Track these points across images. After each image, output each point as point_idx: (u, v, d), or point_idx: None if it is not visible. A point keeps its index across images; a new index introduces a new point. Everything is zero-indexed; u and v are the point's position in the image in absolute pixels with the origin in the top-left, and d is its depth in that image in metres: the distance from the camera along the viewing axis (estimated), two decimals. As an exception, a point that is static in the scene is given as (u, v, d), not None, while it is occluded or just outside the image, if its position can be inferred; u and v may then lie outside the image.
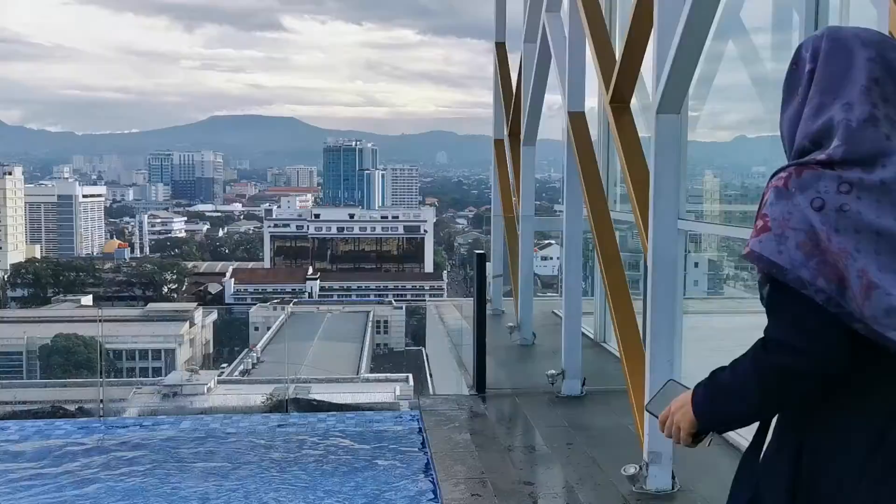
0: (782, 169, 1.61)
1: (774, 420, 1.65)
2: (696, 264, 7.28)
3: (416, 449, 5.56)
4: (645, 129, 5.59)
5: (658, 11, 4.42)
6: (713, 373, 1.67)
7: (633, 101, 5.66)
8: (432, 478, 4.89)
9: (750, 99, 6.26)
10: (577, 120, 6.75)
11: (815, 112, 1.60)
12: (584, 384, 6.59)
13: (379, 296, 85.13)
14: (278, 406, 6.30)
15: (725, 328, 7.04)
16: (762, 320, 1.61)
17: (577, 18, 6.45)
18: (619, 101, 5.53)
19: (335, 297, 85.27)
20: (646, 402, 2.13)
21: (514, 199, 9.96)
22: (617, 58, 5.55)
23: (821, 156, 1.55)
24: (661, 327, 4.46)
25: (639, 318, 5.30)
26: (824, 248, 1.48)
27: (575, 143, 6.62)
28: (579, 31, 6.47)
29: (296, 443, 5.71)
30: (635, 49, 5.16)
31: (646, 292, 4.94)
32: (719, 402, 1.63)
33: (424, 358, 12.85)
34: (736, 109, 6.86)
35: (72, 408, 6.32)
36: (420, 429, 5.81)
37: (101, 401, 6.30)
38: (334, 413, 6.30)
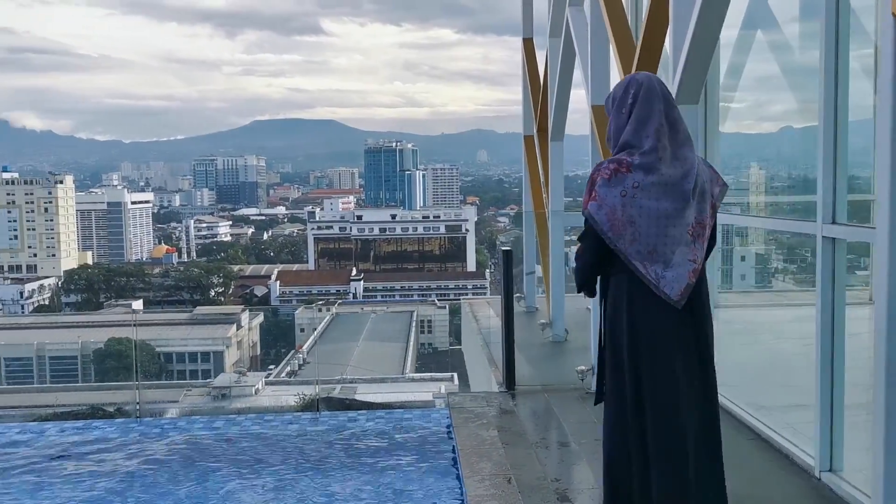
0: (609, 162, 3.02)
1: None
2: (743, 258, 7.08)
3: (444, 446, 5.59)
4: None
5: (673, 4, 4.39)
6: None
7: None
8: (458, 474, 4.92)
9: (786, 89, 6.11)
10: (600, 114, 6.70)
11: (634, 131, 3.04)
12: (614, 380, 6.55)
13: (422, 295, 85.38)
14: (309, 405, 6.38)
15: (764, 322, 6.87)
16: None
17: (599, 12, 6.41)
18: (641, 94, 5.48)
19: (379, 298, 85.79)
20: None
21: (543, 194, 9.92)
22: (636, 50, 5.52)
23: (629, 159, 3.00)
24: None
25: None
26: (617, 217, 2.99)
27: (599, 137, 6.58)
28: (602, 25, 6.44)
29: (324, 441, 5.79)
30: (653, 41, 5.13)
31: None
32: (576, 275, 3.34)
33: (464, 356, 12.87)
34: (780, 100, 6.67)
35: (111, 409, 6.50)
36: (448, 426, 5.84)
37: (138, 403, 6.47)
38: (364, 411, 6.37)
